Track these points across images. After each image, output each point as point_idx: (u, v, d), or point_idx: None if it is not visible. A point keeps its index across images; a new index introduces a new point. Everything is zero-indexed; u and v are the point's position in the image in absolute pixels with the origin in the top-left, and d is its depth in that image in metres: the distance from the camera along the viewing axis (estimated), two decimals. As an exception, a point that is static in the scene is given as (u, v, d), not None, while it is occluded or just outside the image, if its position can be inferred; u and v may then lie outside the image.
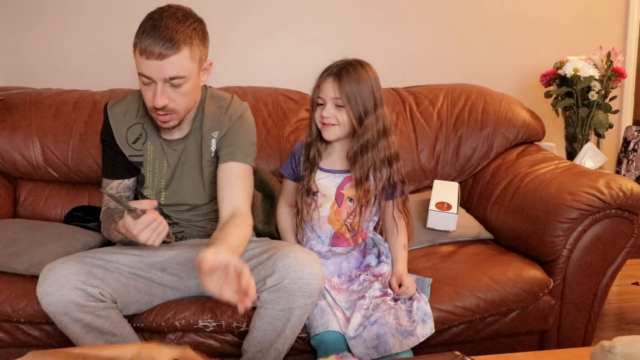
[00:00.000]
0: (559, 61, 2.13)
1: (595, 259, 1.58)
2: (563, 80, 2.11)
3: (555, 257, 1.57)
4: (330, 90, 1.43)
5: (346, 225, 1.52)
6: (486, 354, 1.19)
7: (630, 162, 2.13)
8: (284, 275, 1.24)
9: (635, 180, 1.98)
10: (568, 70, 2.06)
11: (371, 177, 1.48)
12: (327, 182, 1.52)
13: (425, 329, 1.38)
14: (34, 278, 1.48)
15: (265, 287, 1.27)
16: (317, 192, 1.52)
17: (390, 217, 1.56)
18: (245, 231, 1.31)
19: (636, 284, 2.40)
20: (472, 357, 1.05)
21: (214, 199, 1.48)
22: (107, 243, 1.71)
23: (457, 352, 1.05)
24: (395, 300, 1.43)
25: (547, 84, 2.18)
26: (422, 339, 1.36)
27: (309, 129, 1.52)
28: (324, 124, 1.45)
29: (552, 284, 1.56)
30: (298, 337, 1.40)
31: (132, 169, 1.50)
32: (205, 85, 1.51)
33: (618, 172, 2.16)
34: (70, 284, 1.21)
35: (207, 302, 1.45)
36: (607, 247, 1.58)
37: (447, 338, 1.49)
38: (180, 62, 1.28)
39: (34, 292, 1.43)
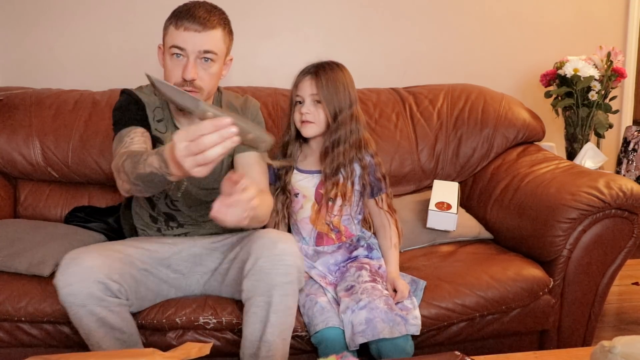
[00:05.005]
0: (559, 61, 2.13)
1: (595, 259, 1.58)
2: (563, 80, 2.11)
3: (556, 257, 1.57)
4: (308, 88, 1.50)
5: (328, 225, 1.55)
6: (486, 353, 1.19)
7: (630, 162, 2.13)
8: (258, 255, 1.24)
9: (635, 180, 1.98)
10: (568, 70, 2.06)
11: (342, 174, 1.52)
12: (305, 183, 1.56)
13: (412, 328, 1.38)
14: (35, 277, 1.49)
15: (245, 274, 1.26)
16: (298, 193, 1.56)
17: (376, 216, 1.59)
18: (268, 198, 1.39)
19: (636, 284, 2.40)
20: (472, 357, 1.05)
21: None
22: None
23: (457, 352, 1.05)
24: None
25: (547, 84, 2.18)
26: (410, 333, 1.36)
27: (287, 128, 1.57)
28: (302, 121, 1.51)
29: (552, 283, 1.56)
30: (297, 336, 1.40)
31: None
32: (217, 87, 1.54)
33: (618, 172, 2.16)
34: (94, 277, 1.20)
35: (208, 300, 1.45)
36: (607, 247, 1.58)
37: (447, 337, 1.49)
38: (215, 38, 1.35)
39: (35, 291, 1.45)
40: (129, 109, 1.43)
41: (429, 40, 2.42)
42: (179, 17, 1.33)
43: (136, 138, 1.34)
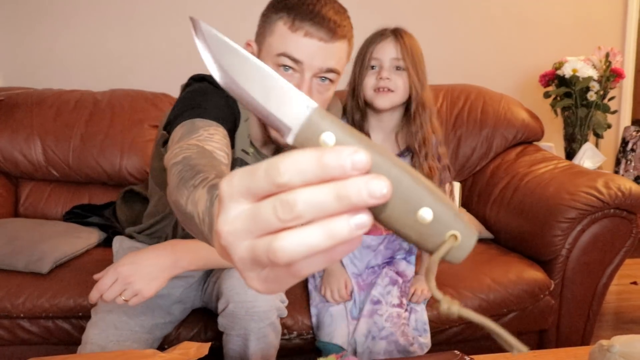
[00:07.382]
0: (558, 62, 2.13)
1: (594, 258, 1.59)
2: (562, 81, 2.11)
3: (555, 257, 1.58)
4: (391, 50, 1.27)
5: None
6: (486, 353, 1.19)
7: (628, 162, 2.13)
8: (228, 298, 1.12)
9: (633, 180, 1.99)
10: (567, 71, 2.07)
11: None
12: None
13: (425, 339, 1.36)
14: (33, 274, 1.50)
15: (218, 311, 1.15)
16: None
17: None
18: None
19: (634, 283, 2.41)
20: (472, 357, 1.05)
21: None
22: (107, 239, 1.70)
23: (456, 352, 1.05)
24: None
25: (546, 85, 2.19)
26: (420, 353, 1.33)
27: (354, 102, 1.31)
28: (378, 89, 1.27)
29: (552, 285, 1.57)
30: (300, 337, 1.40)
31: None
32: None
33: (616, 172, 2.17)
34: None
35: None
36: (606, 246, 1.59)
37: (447, 337, 1.49)
38: (341, 52, 1.00)
39: (33, 287, 1.45)
40: (216, 100, 1.00)
41: (429, 40, 2.42)
42: (298, 12, 0.95)
43: (217, 137, 0.88)
